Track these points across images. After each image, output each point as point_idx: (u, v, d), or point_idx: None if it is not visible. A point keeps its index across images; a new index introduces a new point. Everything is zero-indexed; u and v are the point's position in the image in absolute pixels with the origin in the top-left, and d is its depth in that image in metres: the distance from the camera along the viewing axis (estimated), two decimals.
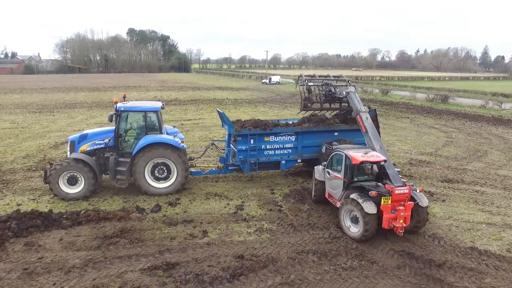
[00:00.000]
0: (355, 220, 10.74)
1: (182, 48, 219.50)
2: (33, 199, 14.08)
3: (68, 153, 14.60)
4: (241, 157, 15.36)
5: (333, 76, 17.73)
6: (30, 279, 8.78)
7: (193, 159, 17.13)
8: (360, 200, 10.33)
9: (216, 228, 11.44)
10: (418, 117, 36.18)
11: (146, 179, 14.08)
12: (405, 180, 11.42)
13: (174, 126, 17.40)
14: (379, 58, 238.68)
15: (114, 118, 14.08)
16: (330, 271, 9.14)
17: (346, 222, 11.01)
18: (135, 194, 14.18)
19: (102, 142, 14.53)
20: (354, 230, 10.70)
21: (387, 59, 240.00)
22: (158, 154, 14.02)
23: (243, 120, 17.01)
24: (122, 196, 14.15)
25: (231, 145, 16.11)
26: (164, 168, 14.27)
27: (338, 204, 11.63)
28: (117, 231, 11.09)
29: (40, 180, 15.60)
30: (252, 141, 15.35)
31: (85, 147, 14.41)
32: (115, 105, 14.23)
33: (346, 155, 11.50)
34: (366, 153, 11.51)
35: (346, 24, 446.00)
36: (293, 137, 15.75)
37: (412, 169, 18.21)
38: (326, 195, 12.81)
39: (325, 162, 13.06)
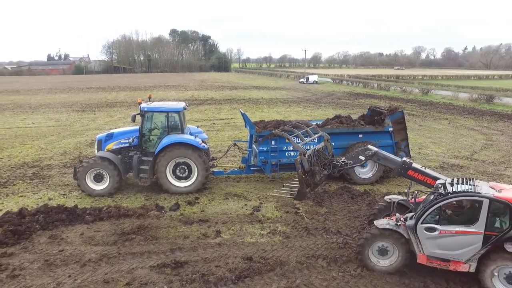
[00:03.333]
0: None
1: (222, 48, 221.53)
2: (63, 194, 14.84)
3: (96, 151, 15.26)
4: (262, 158, 15.37)
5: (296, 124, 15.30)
6: (49, 270, 9.28)
7: (215, 159, 17.35)
8: None
9: (230, 229, 11.53)
10: (458, 118, 34.53)
11: (167, 178, 14.42)
12: None
13: (198, 126, 17.69)
14: (423, 56, 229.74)
15: (137, 118, 14.55)
16: (338, 277, 8.95)
17: None
18: (156, 192, 14.57)
19: (127, 141, 15.05)
20: None
21: (432, 57, 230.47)
22: (179, 154, 14.32)
23: (266, 121, 17.01)
24: (144, 194, 14.59)
25: (253, 145, 16.16)
26: (185, 168, 14.54)
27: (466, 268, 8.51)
28: (135, 228, 11.45)
29: (71, 176, 16.41)
30: (273, 142, 15.31)
31: (111, 145, 14.99)
32: (139, 106, 14.69)
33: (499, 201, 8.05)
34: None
35: (389, 22, 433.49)
36: (316, 138, 15.51)
37: (443, 173, 17.37)
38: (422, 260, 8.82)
39: (410, 214, 9.21)
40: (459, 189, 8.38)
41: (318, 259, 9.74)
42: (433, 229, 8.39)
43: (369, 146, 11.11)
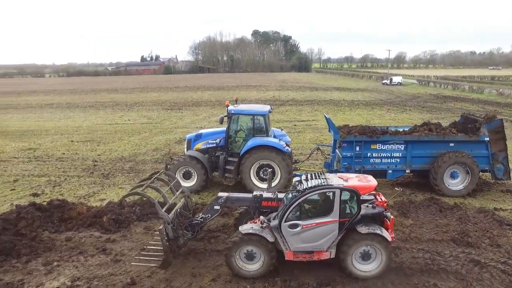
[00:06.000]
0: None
1: (303, 48, 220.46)
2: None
3: (185, 150, 16.31)
4: (345, 163, 15.18)
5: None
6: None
7: (298, 162, 17.51)
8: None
9: None
10: None
11: (251, 179, 14.91)
12: None
13: (282, 129, 17.99)
14: None
15: (224, 120, 15.25)
16: None
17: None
18: (241, 192, 15.11)
19: (214, 141, 15.85)
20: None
21: None
22: (263, 156, 14.73)
23: (350, 125, 16.75)
24: (229, 193, 15.21)
25: (336, 150, 16.03)
26: (267, 169, 14.89)
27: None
28: (220, 226, 12.06)
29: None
30: (357, 148, 15.04)
31: (200, 145, 15.91)
32: (226, 108, 15.39)
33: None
34: None
35: (483, 17, 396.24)
36: (402, 146, 14.95)
37: None
38: (289, 257, 9.22)
39: (274, 214, 9.63)
40: (313, 184, 9.03)
41: (404, 272, 9.39)
42: (296, 225, 8.93)
43: (220, 194, 10.85)
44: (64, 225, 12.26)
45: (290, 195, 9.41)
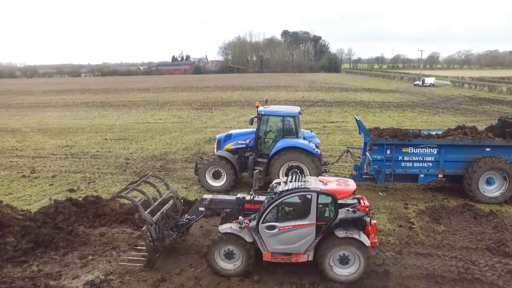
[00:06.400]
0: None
1: (333, 48, 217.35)
2: (185, 188, 16.40)
3: (215, 150, 16.52)
4: (375, 166, 14.97)
5: None
6: (174, 257, 10.39)
7: (327, 164, 17.40)
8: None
9: None
10: None
11: None
12: None
13: (311, 130, 17.91)
14: None
15: (254, 121, 15.33)
16: None
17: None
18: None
19: (244, 142, 15.99)
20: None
21: None
22: (292, 158, 14.73)
23: (381, 128, 16.49)
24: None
25: (366, 153, 15.81)
26: (298, 172, 14.87)
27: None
28: None
29: (192, 171, 17.99)
30: (388, 151, 14.79)
31: (229, 146, 16.08)
32: (256, 109, 15.48)
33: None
34: None
35: None
36: (435, 150, 14.57)
37: None
38: (267, 258, 9.34)
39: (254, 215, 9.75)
40: (292, 187, 9.09)
41: (434, 281, 9.19)
42: (273, 227, 9.03)
43: (204, 196, 11.00)
44: (98, 220, 12.71)
45: (268, 197, 9.54)
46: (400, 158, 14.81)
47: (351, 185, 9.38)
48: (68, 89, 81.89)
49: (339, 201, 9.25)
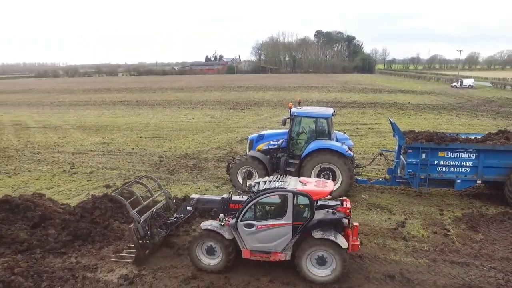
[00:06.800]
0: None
1: (367, 48, 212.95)
2: (217, 187, 16.60)
3: (247, 150, 16.62)
4: (410, 170, 14.60)
5: None
6: None
7: (360, 167, 17.13)
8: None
9: (371, 242, 11.32)
10: None
11: None
12: None
13: (344, 132, 17.70)
14: None
15: (287, 122, 15.29)
16: None
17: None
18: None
19: (276, 143, 15.99)
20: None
21: None
22: (325, 159, 14.60)
23: (416, 131, 16.06)
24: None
25: (400, 156, 15.46)
26: (330, 174, 14.74)
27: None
28: None
29: (224, 170, 18.19)
30: (423, 155, 14.39)
31: (261, 146, 16.14)
32: (289, 110, 15.46)
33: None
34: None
35: None
36: (474, 154, 14.03)
37: None
38: (246, 255, 9.58)
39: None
40: (270, 187, 9.27)
41: None
42: (251, 225, 9.23)
43: (192, 195, 11.18)
44: None
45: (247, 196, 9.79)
46: (436, 162, 14.38)
47: (328, 186, 9.48)
48: (106, 88, 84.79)
49: (322, 203, 9.60)
